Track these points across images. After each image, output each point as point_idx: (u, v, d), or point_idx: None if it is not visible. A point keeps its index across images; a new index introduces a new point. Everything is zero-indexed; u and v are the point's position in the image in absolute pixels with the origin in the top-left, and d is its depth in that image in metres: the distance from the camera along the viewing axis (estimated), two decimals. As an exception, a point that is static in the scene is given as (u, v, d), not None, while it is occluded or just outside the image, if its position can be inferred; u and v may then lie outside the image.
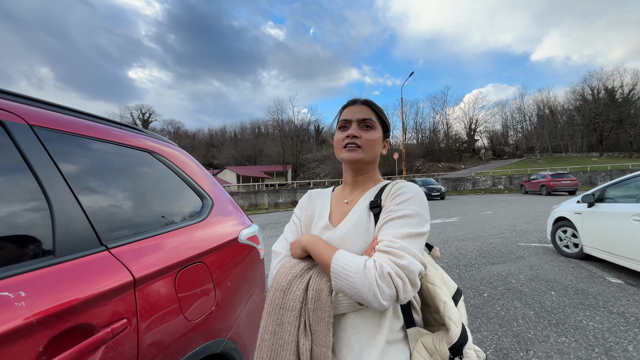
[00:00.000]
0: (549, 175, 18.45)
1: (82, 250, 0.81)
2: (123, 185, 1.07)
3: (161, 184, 1.25)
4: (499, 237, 6.46)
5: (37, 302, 0.65)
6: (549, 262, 4.49)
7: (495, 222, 8.43)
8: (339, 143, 0.85)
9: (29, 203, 0.75)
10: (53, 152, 0.84)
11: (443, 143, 57.38)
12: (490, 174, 29.87)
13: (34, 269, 0.69)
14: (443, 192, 19.28)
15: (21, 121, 0.80)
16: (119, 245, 0.91)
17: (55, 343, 0.66)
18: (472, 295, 3.38)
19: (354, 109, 0.85)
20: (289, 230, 0.92)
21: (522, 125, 59.60)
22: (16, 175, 0.75)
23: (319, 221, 0.88)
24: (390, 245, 0.66)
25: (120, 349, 0.79)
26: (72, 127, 0.94)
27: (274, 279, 0.76)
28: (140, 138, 1.23)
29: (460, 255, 5.11)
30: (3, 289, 0.62)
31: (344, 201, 0.89)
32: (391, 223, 0.71)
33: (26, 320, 0.62)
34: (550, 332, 2.50)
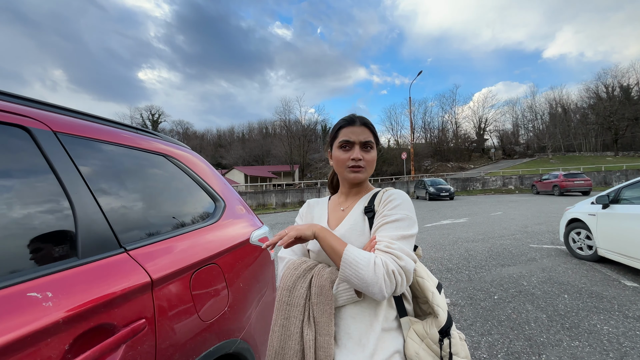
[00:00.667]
0: (562, 175, 18.05)
1: (103, 252, 0.84)
2: (140, 189, 1.10)
3: (176, 186, 1.28)
4: (510, 238, 6.36)
5: (63, 302, 0.68)
6: (561, 265, 4.41)
7: (506, 223, 8.30)
8: (343, 163, 0.92)
9: (54, 207, 0.78)
10: (75, 157, 0.87)
11: (452, 142, 56.71)
12: (501, 174, 29.39)
13: (60, 270, 0.72)
14: (452, 192, 19.06)
15: (45, 128, 0.83)
16: (136, 247, 0.94)
17: (80, 342, 0.69)
18: (483, 298, 3.34)
19: (356, 130, 0.91)
20: None
21: (534, 124, 58.45)
22: (42, 180, 0.79)
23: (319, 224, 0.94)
24: (389, 247, 0.77)
25: (140, 348, 0.81)
26: (90, 132, 0.97)
27: (281, 280, 0.87)
28: (155, 142, 1.26)
29: (470, 257, 5.05)
30: (32, 290, 0.65)
31: (340, 208, 0.99)
32: (386, 226, 0.82)
33: (53, 320, 0.65)
34: (563, 336, 2.46)
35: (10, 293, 0.62)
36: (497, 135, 60.29)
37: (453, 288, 3.68)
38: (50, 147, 0.82)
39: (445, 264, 4.72)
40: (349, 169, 0.91)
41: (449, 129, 59.12)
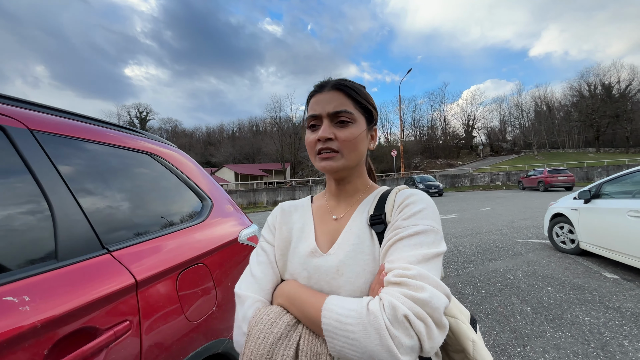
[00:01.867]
0: (546, 172, 18.56)
1: (84, 253, 0.82)
2: (123, 188, 1.07)
3: (161, 185, 1.25)
4: (497, 233, 6.50)
5: (41, 306, 0.66)
6: (545, 258, 4.53)
7: (493, 219, 8.48)
8: (310, 148, 0.65)
9: (31, 207, 0.76)
10: (53, 156, 0.84)
11: (441, 140, 57.50)
12: (488, 171, 30.00)
13: (37, 273, 0.70)
14: (441, 188, 19.37)
15: (21, 126, 0.80)
16: (120, 248, 0.92)
17: (60, 346, 0.67)
18: (471, 292, 3.41)
19: (324, 98, 0.64)
20: (256, 261, 0.68)
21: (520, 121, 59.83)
22: (17, 180, 0.76)
23: (301, 244, 0.67)
24: (403, 274, 0.49)
25: (124, 351, 0.80)
26: (71, 130, 0.94)
27: (247, 343, 0.53)
28: (139, 140, 1.23)
29: (458, 252, 5.14)
30: (7, 294, 0.63)
31: (332, 217, 0.70)
32: (401, 244, 0.55)
33: (31, 324, 0.63)
34: (547, 328, 2.54)
35: (-16, 298, 0.60)
36: (485, 132, 61.47)
37: (442, 283, 3.74)
38: (26, 146, 0.79)
39: (435, 260, 4.79)
40: (319, 156, 0.64)
41: (438, 127, 60.00)
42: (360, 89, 0.67)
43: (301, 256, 0.65)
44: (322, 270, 0.61)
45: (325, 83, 0.66)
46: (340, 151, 0.63)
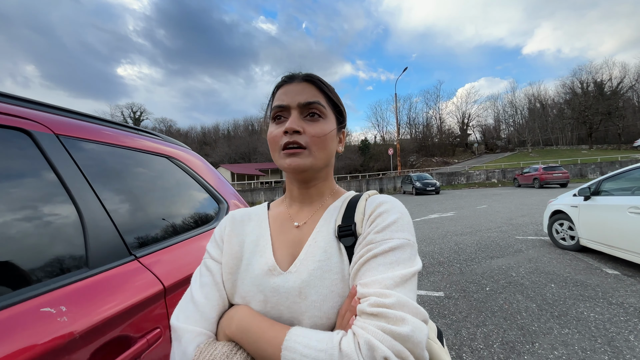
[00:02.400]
0: (541, 169, 18.75)
1: (113, 260, 0.80)
2: (145, 193, 1.06)
3: (180, 189, 1.24)
4: (497, 230, 6.56)
5: (77, 316, 0.65)
6: (546, 255, 4.58)
7: (492, 216, 8.55)
8: (275, 142, 0.56)
9: (60, 214, 0.74)
10: (80, 162, 0.82)
11: (437, 138, 57.82)
12: (484, 168, 30.25)
13: (71, 282, 0.69)
14: (438, 186, 19.48)
15: (47, 130, 0.78)
16: (146, 254, 0.91)
17: (97, 357, 0.66)
18: (475, 290, 3.43)
19: (293, 88, 0.57)
20: (198, 283, 0.56)
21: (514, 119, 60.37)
22: (46, 186, 0.74)
23: (255, 261, 0.56)
24: (380, 304, 0.42)
25: (156, 358, 0.79)
26: (94, 134, 0.92)
27: None
28: (157, 143, 1.21)
29: (460, 250, 5.18)
30: (45, 305, 0.61)
31: (294, 224, 0.60)
32: (374, 262, 0.48)
33: (70, 335, 0.61)
34: (554, 324, 2.56)
35: (24, 310, 0.58)
36: (479, 130, 61.93)
37: (446, 281, 3.77)
38: (53, 152, 0.77)
39: (437, 258, 4.82)
40: (283, 152, 0.55)
41: (434, 125, 60.29)
42: (331, 86, 0.62)
43: (255, 275, 0.54)
44: (281, 292, 0.51)
45: (295, 74, 0.60)
46: (309, 147, 0.55)
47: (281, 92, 0.58)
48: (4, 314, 0.56)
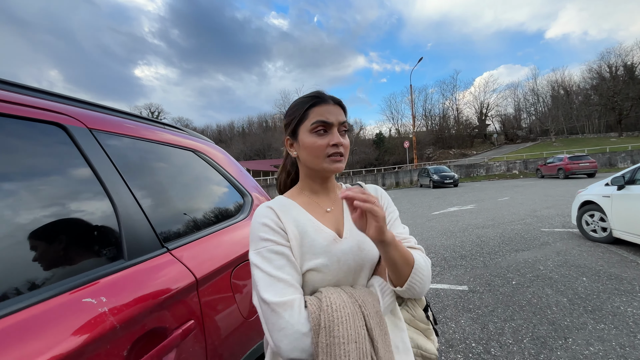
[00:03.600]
0: (567, 158, 17.90)
1: (147, 252, 0.81)
2: (173, 186, 1.06)
3: (206, 182, 1.24)
4: (520, 223, 6.33)
5: (117, 307, 0.65)
6: (576, 248, 4.38)
7: (514, 208, 8.26)
8: (321, 150, 0.71)
9: (96, 207, 0.75)
10: (112, 155, 0.83)
11: (454, 129, 56.21)
12: (504, 159, 29.23)
13: (109, 273, 0.69)
14: (456, 179, 18.99)
15: (81, 125, 0.79)
16: (177, 246, 0.91)
17: (137, 347, 0.66)
18: (501, 283, 3.33)
19: (332, 109, 0.72)
20: (275, 266, 0.64)
21: (536, 107, 57.75)
22: (81, 179, 0.75)
23: (317, 235, 0.71)
24: (415, 243, 0.77)
25: (191, 350, 0.79)
26: (125, 129, 0.93)
27: (337, 329, 0.59)
28: (184, 137, 1.22)
29: (482, 243, 5.03)
30: (86, 295, 0.62)
31: (326, 209, 0.78)
32: (396, 223, 0.81)
33: (111, 325, 0.62)
34: (588, 319, 2.45)
35: (66, 301, 0.59)
36: (499, 120, 59.70)
37: (469, 275, 3.67)
38: (87, 146, 0.78)
39: (458, 251, 4.71)
40: (330, 158, 0.71)
41: (450, 116, 58.58)
42: None
43: (324, 246, 0.70)
44: (347, 251, 0.71)
45: (325, 95, 0.75)
46: (344, 155, 0.74)
47: (323, 109, 0.72)
48: (48, 304, 0.57)
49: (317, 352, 0.58)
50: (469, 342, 2.29)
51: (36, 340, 0.52)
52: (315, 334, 0.59)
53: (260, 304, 0.62)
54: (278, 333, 0.58)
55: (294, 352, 0.58)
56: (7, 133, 0.64)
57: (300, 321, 0.59)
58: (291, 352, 0.58)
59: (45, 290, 0.58)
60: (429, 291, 3.29)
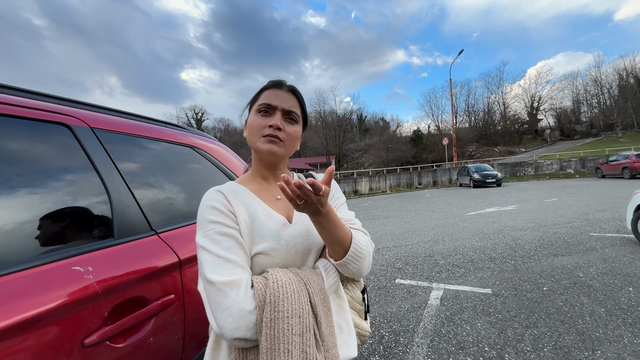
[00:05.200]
0: (634, 156, 15.82)
1: (135, 234, 0.94)
2: (169, 178, 1.20)
3: (202, 175, 1.37)
4: (566, 226, 5.79)
5: (102, 275, 0.78)
6: (627, 255, 3.92)
7: (562, 210, 7.55)
8: (257, 130, 0.74)
9: (93, 193, 0.89)
10: (110, 151, 0.97)
11: (499, 125, 52.35)
12: (557, 157, 26.61)
13: (99, 248, 0.83)
14: (499, 178, 17.74)
15: (84, 124, 0.94)
16: (166, 230, 1.03)
17: (117, 311, 0.78)
18: (529, 289, 3.11)
19: (281, 94, 0.76)
20: (223, 247, 0.65)
21: (599, 99, 51.49)
22: (82, 171, 0.90)
23: (267, 220, 0.73)
24: (361, 227, 0.81)
25: (169, 320, 0.90)
26: (123, 127, 1.08)
27: (281, 303, 0.61)
28: (182, 134, 1.36)
29: (516, 246, 4.70)
30: (75, 264, 0.75)
31: (276, 197, 0.80)
32: (342, 207, 0.86)
33: (94, 290, 0.74)
34: (625, 332, 2.21)
35: (58, 266, 0.73)
36: (553, 114, 54.32)
37: (496, 278, 3.47)
38: (88, 142, 0.92)
39: (489, 253, 4.45)
40: (264, 138, 0.73)
41: (496, 111, 54.57)
42: (304, 100, 0.83)
43: (274, 230, 0.72)
44: (296, 235, 0.75)
45: (282, 82, 0.79)
46: (284, 141, 0.75)
47: (271, 93, 0.76)
48: (44, 268, 0.71)
49: (260, 327, 0.59)
50: (482, 345, 2.19)
51: (30, 295, 0.65)
52: (260, 310, 0.60)
53: (205, 286, 0.62)
54: (222, 313, 0.58)
55: (238, 331, 0.58)
56: (22, 133, 0.80)
57: (246, 299, 0.60)
58: (235, 331, 0.58)
59: (43, 257, 0.72)
60: (449, 292, 3.18)
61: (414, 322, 2.63)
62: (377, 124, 64.23)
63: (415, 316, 2.74)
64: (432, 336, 2.38)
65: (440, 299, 3.06)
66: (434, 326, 2.53)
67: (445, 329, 2.47)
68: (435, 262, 4.27)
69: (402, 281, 3.67)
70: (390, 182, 23.92)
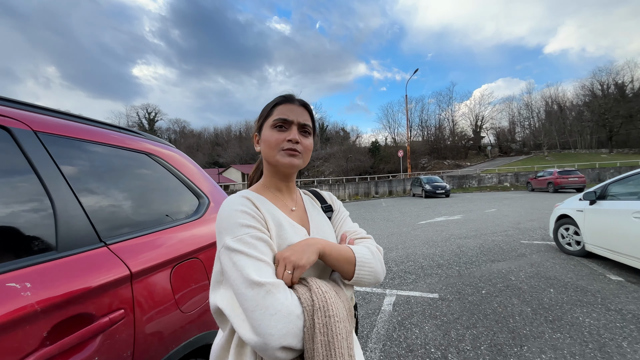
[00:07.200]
0: (556, 172, 18.24)
1: (82, 246, 0.88)
2: (122, 186, 1.14)
3: (158, 184, 1.31)
4: (502, 234, 6.45)
5: (41, 292, 0.72)
6: (550, 260, 4.48)
7: (499, 220, 8.39)
8: (276, 144, 0.76)
9: (34, 203, 0.82)
10: (55, 156, 0.91)
11: (449, 140, 56.90)
12: (496, 171, 29.60)
13: (38, 262, 0.76)
14: (448, 189, 19.19)
15: (26, 127, 0.87)
16: (117, 241, 0.98)
17: (58, 329, 0.73)
18: (471, 292, 3.41)
19: (295, 109, 0.78)
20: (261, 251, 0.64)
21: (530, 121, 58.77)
22: (22, 178, 0.82)
23: (293, 229, 0.76)
24: (365, 234, 0.88)
25: (118, 337, 0.86)
26: (72, 131, 1.01)
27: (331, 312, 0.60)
28: (138, 141, 1.29)
29: (461, 253, 5.12)
30: (10, 280, 0.69)
31: (291, 208, 0.84)
32: (348, 220, 0.93)
33: (31, 308, 0.68)
34: (546, 329, 2.53)
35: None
36: (493, 132, 60.58)
37: (443, 283, 3.75)
38: (30, 146, 0.85)
39: (437, 260, 4.79)
40: (284, 152, 0.75)
41: (446, 127, 59.35)
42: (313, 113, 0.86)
43: (294, 238, 0.73)
44: None
45: (293, 97, 0.81)
46: (302, 153, 0.78)
47: (286, 108, 0.78)
48: (-28, 286, 0.64)
49: (312, 333, 0.57)
50: (429, 347, 2.36)
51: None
52: (309, 316, 0.58)
53: (247, 291, 0.57)
54: (271, 318, 0.55)
55: (286, 338, 0.55)
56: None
57: (293, 302, 0.58)
58: (284, 338, 0.54)
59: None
60: (401, 298, 3.36)
61: (368, 328, 2.73)
62: (338, 133, 65.87)
63: (370, 322, 2.85)
64: (385, 341, 2.49)
65: (393, 305, 3.21)
66: (387, 331, 2.65)
67: (397, 333, 2.60)
68: (389, 269, 4.48)
69: (358, 288, 3.79)
70: (349, 190, 24.52)
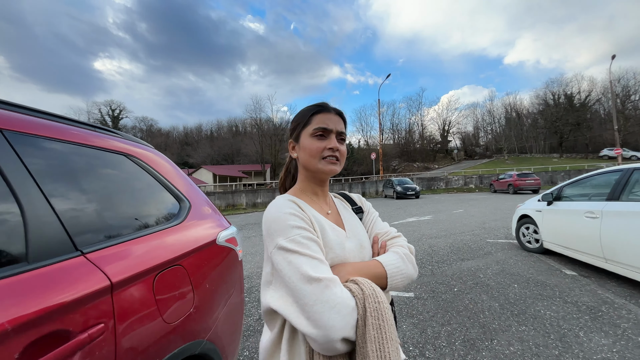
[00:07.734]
0: (515, 175, 19.61)
1: (56, 255, 0.80)
2: (99, 190, 1.05)
3: (138, 187, 1.23)
4: (470, 234, 6.80)
5: (10, 309, 0.65)
6: (513, 257, 4.80)
7: (466, 220, 8.85)
8: (317, 152, 0.80)
9: (1, 210, 0.74)
10: (25, 157, 0.82)
11: (418, 144, 59.18)
12: (462, 174, 31.21)
13: (6, 276, 0.68)
14: (418, 191, 19.93)
15: (-10, 125, 0.78)
16: (95, 249, 0.91)
17: (32, 350, 0.66)
18: (444, 290, 3.56)
19: (333, 118, 0.83)
20: (314, 250, 0.68)
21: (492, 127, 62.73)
22: (-15, 181, 0.74)
23: (334, 231, 0.80)
24: (395, 233, 0.90)
25: (98, 353, 0.79)
26: (44, 130, 0.92)
27: (382, 308, 0.63)
28: (116, 141, 1.21)
29: (433, 252, 5.33)
30: (-25, 297, 0.61)
31: (327, 211, 0.87)
32: (378, 220, 0.95)
33: (1, 327, 0.61)
34: (512, 322, 2.70)
35: (-50, 301, 0.58)
36: (459, 137, 63.86)
37: (417, 282, 3.87)
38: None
39: (411, 260, 4.94)
40: (325, 160, 0.80)
41: (416, 131, 61.69)
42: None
43: (338, 242, 0.78)
44: (353, 248, 0.81)
45: (329, 105, 0.86)
46: (339, 160, 0.83)
47: (324, 117, 0.82)
48: None
49: (364, 318, 0.61)
50: (407, 345, 2.42)
51: None
52: (361, 303, 0.62)
53: (307, 285, 0.61)
54: (331, 311, 0.59)
55: (345, 329, 0.59)
56: None
57: (348, 295, 0.63)
58: (343, 329, 0.59)
59: None
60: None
61: (348, 329, 2.75)
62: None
63: (349, 323, 2.87)
64: (365, 341, 2.53)
65: (371, 305, 3.27)
66: (366, 331, 2.69)
67: (376, 333, 2.64)
68: (366, 270, 4.55)
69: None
70: (323, 192, 24.63)
